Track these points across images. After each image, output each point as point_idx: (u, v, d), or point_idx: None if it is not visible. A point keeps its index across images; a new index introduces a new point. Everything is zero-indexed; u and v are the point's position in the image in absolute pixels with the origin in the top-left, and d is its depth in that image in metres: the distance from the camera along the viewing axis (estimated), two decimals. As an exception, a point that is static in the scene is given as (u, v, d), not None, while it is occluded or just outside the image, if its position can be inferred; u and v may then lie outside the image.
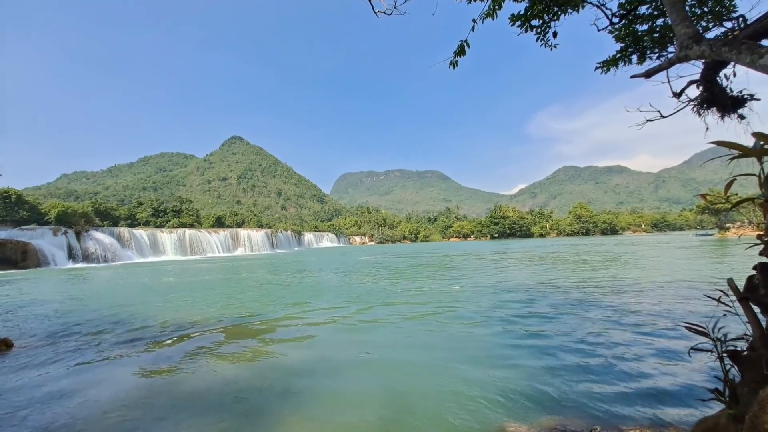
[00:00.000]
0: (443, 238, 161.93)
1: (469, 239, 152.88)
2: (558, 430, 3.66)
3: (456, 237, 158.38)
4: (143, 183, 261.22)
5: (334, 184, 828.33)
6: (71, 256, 43.36)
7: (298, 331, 8.19)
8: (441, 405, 4.33)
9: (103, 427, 4.09)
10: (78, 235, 45.72)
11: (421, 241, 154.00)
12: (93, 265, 42.58)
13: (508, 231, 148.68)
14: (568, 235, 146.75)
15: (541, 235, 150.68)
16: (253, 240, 78.57)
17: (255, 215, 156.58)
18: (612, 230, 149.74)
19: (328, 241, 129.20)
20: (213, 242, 68.12)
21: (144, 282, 20.81)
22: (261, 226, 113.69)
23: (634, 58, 5.95)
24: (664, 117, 5.19)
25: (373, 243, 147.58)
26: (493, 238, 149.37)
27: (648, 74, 4.55)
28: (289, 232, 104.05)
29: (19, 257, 37.15)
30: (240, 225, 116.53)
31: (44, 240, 41.82)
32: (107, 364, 6.37)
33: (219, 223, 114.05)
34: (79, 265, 42.14)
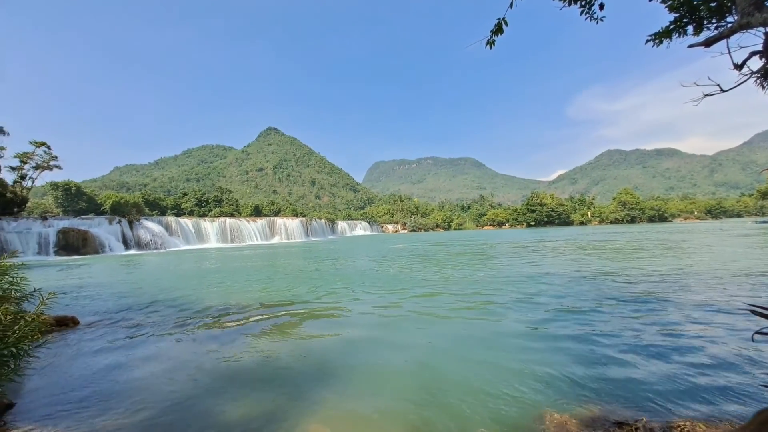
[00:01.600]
0: (477, 226, 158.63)
1: (503, 227, 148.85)
2: (600, 420, 3.54)
3: (490, 225, 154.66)
4: (187, 174, 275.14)
5: (366, 173, 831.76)
6: (125, 243, 46.40)
7: (333, 315, 8.26)
8: (478, 389, 4.29)
9: (158, 396, 4.41)
10: (130, 224, 48.81)
11: (454, 229, 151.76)
12: (144, 251, 45.37)
13: (545, 219, 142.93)
14: (611, 222, 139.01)
15: (582, 223, 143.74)
16: (288, 228, 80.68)
17: (290, 204, 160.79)
18: (660, 217, 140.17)
19: (361, 229, 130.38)
20: (251, 230, 70.58)
21: (190, 267, 21.77)
22: (296, 215, 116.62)
23: (689, 29, 5.41)
24: (724, 91, 4.67)
25: (405, 231, 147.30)
26: (529, 226, 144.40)
27: (708, 43, 4.13)
28: (323, 220, 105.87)
29: (80, 244, 40.22)
30: (276, 214, 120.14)
31: (101, 228, 44.98)
32: (160, 341, 6.65)
33: (256, 212, 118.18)
34: (132, 251, 45.05)
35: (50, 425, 3.69)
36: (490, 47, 5.41)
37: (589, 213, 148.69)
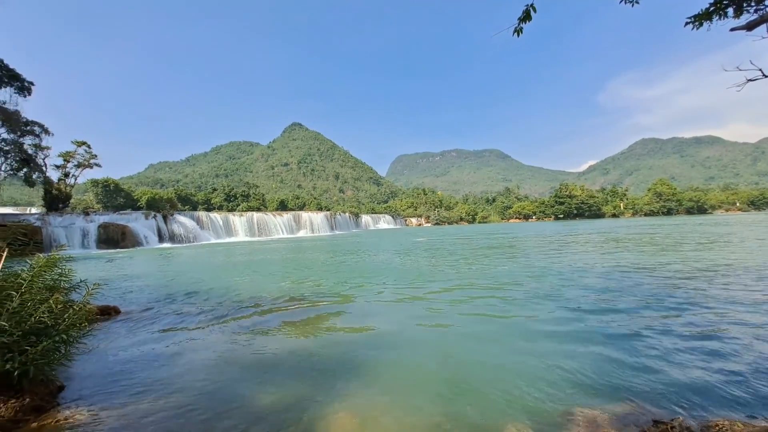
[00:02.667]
0: (502, 219, 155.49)
1: (530, 220, 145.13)
2: (633, 417, 3.45)
3: (516, 218, 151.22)
4: (216, 170, 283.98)
5: (389, 167, 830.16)
6: (160, 236, 48.54)
7: (359, 308, 8.34)
8: (505, 384, 4.25)
9: (193, 382, 4.59)
10: (165, 218, 50.96)
11: (479, 222, 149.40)
12: (178, 245, 47.30)
13: (574, 211, 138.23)
14: (645, 215, 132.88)
15: (614, 216, 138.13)
16: (313, 222, 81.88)
17: (315, 198, 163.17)
18: (699, 209, 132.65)
19: (384, 222, 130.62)
20: (278, 224, 72.14)
21: (221, 260, 22.53)
22: (321, 209, 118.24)
23: (730, 11, 5.22)
24: (766, 76, 4.50)
25: (429, 224, 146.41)
26: (557, 218, 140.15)
27: (749, 26, 3.90)
28: (347, 214, 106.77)
29: (120, 238, 42.41)
30: (301, 208, 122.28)
31: (138, 223, 47.20)
32: (194, 330, 6.94)
33: (282, 206, 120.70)
34: (167, 245, 47.07)
35: (97, 406, 3.93)
36: (518, 35, 5.28)
37: (621, 205, 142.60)
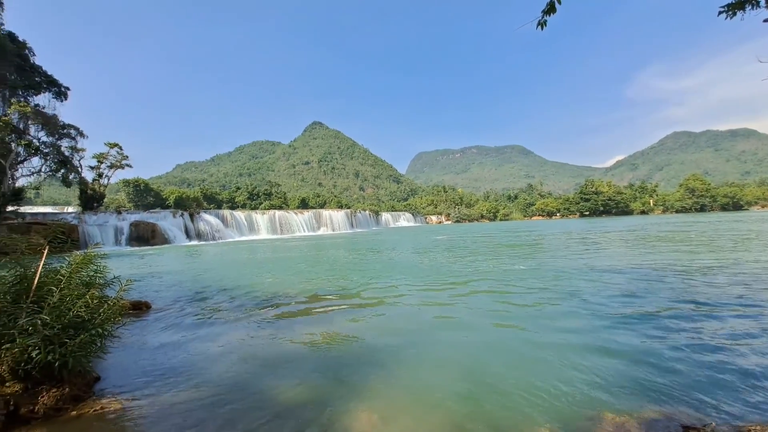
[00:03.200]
0: (524, 216, 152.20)
1: (554, 218, 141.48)
2: (663, 422, 3.36)
3: (539, 215, 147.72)
4: (239, 170, 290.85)
5: (409, 164, 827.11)
6: (187, 234, 50.20)
7: (379, 306, 8.35)
8: (528, 386, 4.16)
9: (218, 376, 4.73)
10: (191, 216, 52.66)
11: (500, 220, 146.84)
12: (203, 242, 48.81)
13: (601, 208, 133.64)
14: (677, 212, 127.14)
15: (643, 213, 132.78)
16: (334, 220, 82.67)
17: (335, 196, 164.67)
18: (735, 205, 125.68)
19: (404, 220, 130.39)
20: (299, 222, 73.24)
21: (244, 257, 23.09)
22: (341, 207, 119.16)
23: (762, 1, 5.00)
24: None
25: (449, 222, 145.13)
26: (582, 216, 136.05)
27: None
28: (367, 212, 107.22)
29: (150, 235, 44.14)
30: (322, 206, 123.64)
31: (166, 221, 48.97)
32: (220, 325, 7.16)
33: (303, 204, 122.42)
34: (193, 242, 48.63)
35: (130, 397, 4.12)
36: (542, 28, 5.15)
37: (651, 201, 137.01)
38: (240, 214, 62.74)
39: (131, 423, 3.60)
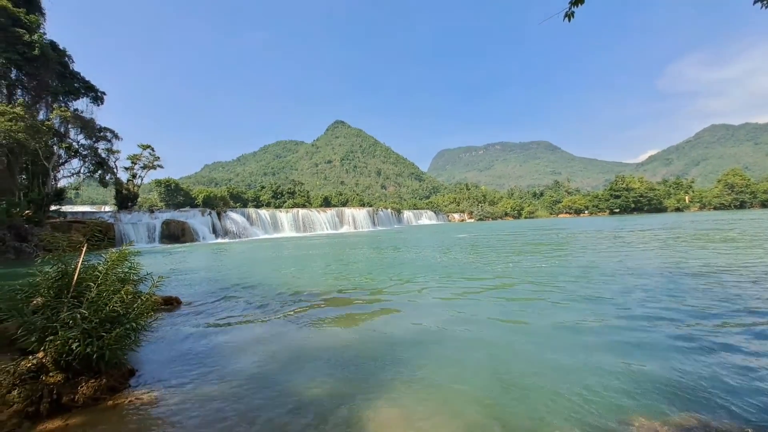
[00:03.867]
0: (551, 214, 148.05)
1: (582, 215, 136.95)
2: (698, 430, 3.22)
3: (566, 213, 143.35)
4: (264, 169, 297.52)
5: (431, 162, 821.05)
6: (214, 232, 51.82)
7: (401, 304, 8.36)
8: (555, 388, 4.06)
9: (245, 370, 4.86)
10: (219, 215, 54.31)
11: (525, 217, 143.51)
12: (230, 240, 50.22)
13: (632, 205, 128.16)
14: (714, 208, 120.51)
15: (678, 209, 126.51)
16: (356, 218, 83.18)
17: (357, 194, 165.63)
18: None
19: (426, 218, 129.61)
20: (322, 220, 74.14)
21: (270, 255, 23.61)
22: (363, 205, 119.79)
23: None
24: None
25: (472, 220, 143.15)
26: (612, 213, 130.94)
27: None
28: (389, 210, 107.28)
29: (180, 233, 45.84)
30: (344, 204, 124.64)
31: (195, 219, 50.70)
32: (246, 320, 7.38)
33: (326, 202, 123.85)
34: (220, 240, 50.13)
35: (162, 389, 4.30)
36: (569, 20, 4.97)
37: (686, 198, 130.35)
38: (265, 213, 64.15)
39: (164, 414, 3.74)
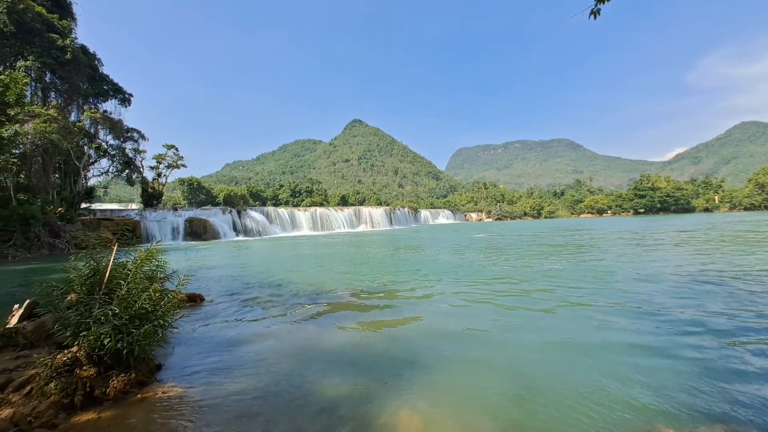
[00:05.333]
0: (572, 214, 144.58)
1: (604, 215, 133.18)
2: None
3: (588, 213, 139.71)
4: (282, 168, 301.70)
5: (449, 160, 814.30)
6: (235, 230, 52.95)
7: (419, 305, 8.35)
8: (576, 395, 3.99)
9: (266, 367, 4.98)
10: (239, 213, 55.46)
11: (545, 217, 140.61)
12: (250, 238, 51.22)
13: (658, 205, 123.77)
14: (745, 209, 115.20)
15: (707, 210, 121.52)
16: (373, 217, 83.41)
17: (374, 193, 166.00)
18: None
19: (443, 217, 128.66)
20: (339, 219, 74.68)
21: (288, 253, 23.96)
22: (380, 204, 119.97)
23: None
24: None
25: (490, 219, 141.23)
26: (637, 213, 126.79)
27: None
28: (406, 209, 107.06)
29: (202, 231, 47.06)
30: (361, 203, 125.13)
31: (217, 218, 51.94)
32: (267, 318, 7.53)
33: (343, 201, 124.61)
34: (240, 237, 51.20)
35: (188, 384, 4.43)
36: (595, 17, 4.83)
37: (716, 198, 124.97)
38: (283, 211, 65.10)
39: (190, 408, 3.86)
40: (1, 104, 16.34)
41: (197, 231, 46.56)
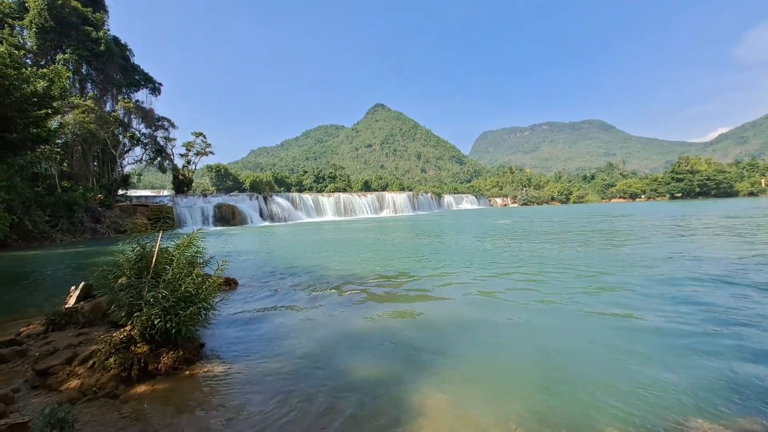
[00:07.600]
0: (602, 198, 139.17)
1: (638, 200, 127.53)
2: None
3: (620, 198, 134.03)
4: (306, 154, 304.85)
5: (473, 144, 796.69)
6: (261, 215, 54.44)
7: (446, 291, 8.47)
8: (606, 384, 4.00)
9: (299, 349, 5.24)
10: (265, 199, 56.87)
11: (573, 202, 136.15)
12: (276, 223, 52.58)
13: (697, 189, 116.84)
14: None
15: (752, 194, 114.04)
16: (396, 202, 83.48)
17: (397, 178, 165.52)
18: None
19: (467, 203, 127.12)
20: (362, 204, 75.25)
21: (314, 238, 24.52)
22: (403, 189, 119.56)
23: None
24: None
25: (515, 205, 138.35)
26: (673, 198, 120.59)
27: None
28: (429, 194, 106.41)
29: (230, 216, 48.67)
30: (384, 188, 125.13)
31: (244, 203, 53.47)
32: (297, 303, 7.87)
33: (366, 186, 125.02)
34: (267, 223, 52.65)
35: (229, 362, 4.77)
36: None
37: (763, 181, 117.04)
38: (308, 197, 66.20)
39: (234, 384, 4.17)
40: (48, 98, 17.28)
41: (226, 216, 48.15)
